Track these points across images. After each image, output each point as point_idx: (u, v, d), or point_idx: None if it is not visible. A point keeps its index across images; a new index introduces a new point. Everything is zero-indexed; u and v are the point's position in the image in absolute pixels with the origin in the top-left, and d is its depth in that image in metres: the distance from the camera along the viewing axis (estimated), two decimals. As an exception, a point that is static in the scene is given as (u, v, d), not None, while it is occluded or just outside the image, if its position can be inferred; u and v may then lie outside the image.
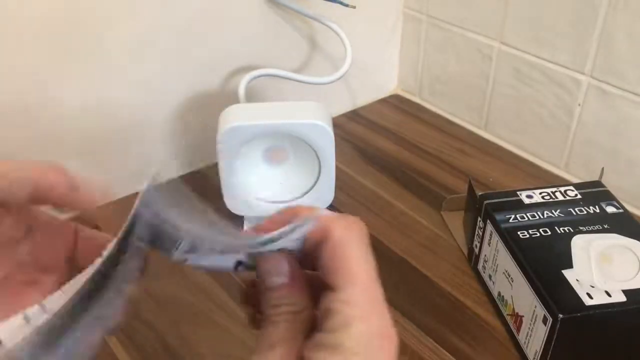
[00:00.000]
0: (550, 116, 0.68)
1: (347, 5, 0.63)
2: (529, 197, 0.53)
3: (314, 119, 0.53)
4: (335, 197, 0.58)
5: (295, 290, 0.27)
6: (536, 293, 0.45)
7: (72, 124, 0.59)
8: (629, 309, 0.43)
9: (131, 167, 0.64)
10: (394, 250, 0.59)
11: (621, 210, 0.51)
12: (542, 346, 0.44)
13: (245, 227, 0.59)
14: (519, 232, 0.49)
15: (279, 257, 0.28)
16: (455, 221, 0.61)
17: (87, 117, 0.60)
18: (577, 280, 0.45)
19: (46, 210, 0.31)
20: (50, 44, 0.55)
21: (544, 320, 0.44)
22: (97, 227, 0.33)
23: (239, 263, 0.29)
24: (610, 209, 0.51)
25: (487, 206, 0.52)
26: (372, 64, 0.82)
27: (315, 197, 0.57)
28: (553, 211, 0.51)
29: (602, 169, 0.56)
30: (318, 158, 0.55)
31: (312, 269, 0.28)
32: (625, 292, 0.44)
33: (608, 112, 0.63)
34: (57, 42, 0.55)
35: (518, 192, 0.54)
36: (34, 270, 0.31)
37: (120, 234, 0.27)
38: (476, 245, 0.55)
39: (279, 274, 0.28)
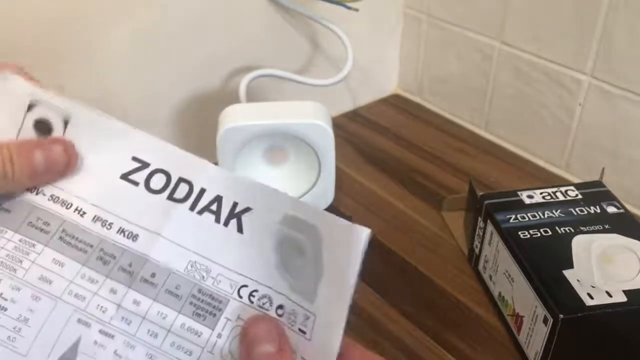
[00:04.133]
0: (551, 116, 0.68)
1: (349, 8, 0.63)
2: (530, 197, 0.53)
3: (314, 119, 0.53)
4: (335, 197, 0.58)
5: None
6: (537, 293, 0.45)
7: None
8: (630, 310, 0.43)
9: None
10: (394, 250, 0.59)
11: (622, 211, 0.51)
12: (543, 346, 0.44)
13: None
14: (519, 232, 0.49)
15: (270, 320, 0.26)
16: (456, 221, 0.61)
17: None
18: (577, 280, 0.44)
19: None
20: (50, 43, 0.55)
21: (545, 321, 0.44)
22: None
23: None
24: (611, 209, 0.51)
25: (487, 206, 0.52)
26: (372, 64, 0.82)
27: (315, 197, 0.57)
28: (554, 211, 0.51)
29: (603, 169, 0.56)
30: (318, 158, 0.55)
31: None
32: (626, 292, 0.43)
33: (609, 112, 0.63)
34: (56, 41, 0.55)
35: (519, 192, 0.53)
36: None
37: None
38: (476, 246, 0.55)
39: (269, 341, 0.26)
